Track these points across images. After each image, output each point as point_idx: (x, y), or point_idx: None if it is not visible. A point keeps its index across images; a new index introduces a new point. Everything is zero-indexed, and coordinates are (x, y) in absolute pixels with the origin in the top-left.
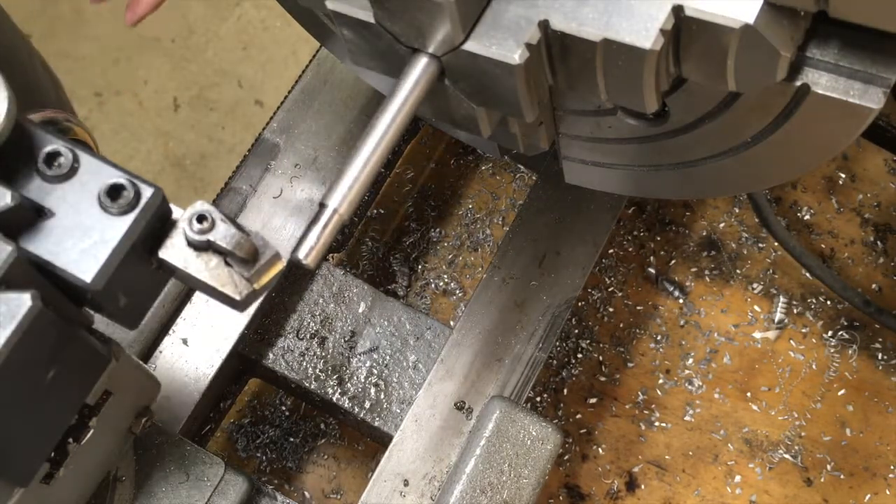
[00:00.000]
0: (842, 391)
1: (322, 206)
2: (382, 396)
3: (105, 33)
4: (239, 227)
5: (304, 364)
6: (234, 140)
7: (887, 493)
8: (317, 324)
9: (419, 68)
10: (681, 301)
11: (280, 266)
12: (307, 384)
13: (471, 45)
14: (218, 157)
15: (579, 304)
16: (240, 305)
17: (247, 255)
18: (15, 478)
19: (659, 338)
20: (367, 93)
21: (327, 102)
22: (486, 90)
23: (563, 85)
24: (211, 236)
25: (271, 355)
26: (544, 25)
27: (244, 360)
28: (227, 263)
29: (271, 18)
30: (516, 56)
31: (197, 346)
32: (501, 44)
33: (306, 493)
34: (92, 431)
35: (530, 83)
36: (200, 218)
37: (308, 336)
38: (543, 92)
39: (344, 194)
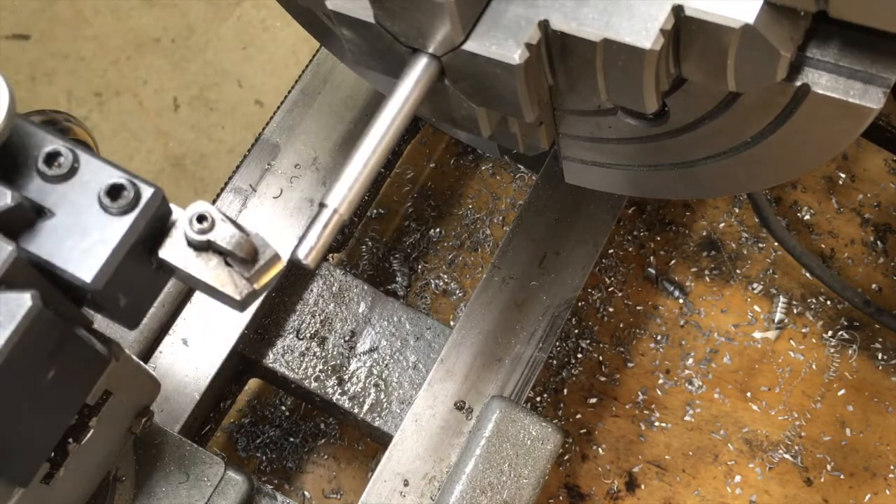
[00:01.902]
0: (842, 391)
1: (322, 206)
2: (382, 396)
3: (105, 33)
4: (239, 228)
5: (304, 364)
6: (234, 140)
7: (887, 493)
8: (317, 324)
9: (419, 68)
10: (681, 301)
11: (279, 266)
12: (307, 384)
13: (471, 45)
14: (218, 157)
15: (579, 304)
16: (240, 305)
17: (246, 256)
18: (15, 477)
19: (659, 338)
20: (367, 93)
21: (327, 102)
22: (486, 90)
23: (563, 85)
24: (211, 236)
25: (271, 355)
26: (544, 25)
27: (244, 360)
28: (226, 263)
29: (271, 18)
30: (516, 56)
31: (197, 346)
32: (501, 44)
33: (306, 493)
34: (92, 431)
35: (530, 83)
36: (200, 218)
37: (308, 336)
38: (543, 92)
39: (344, 194)
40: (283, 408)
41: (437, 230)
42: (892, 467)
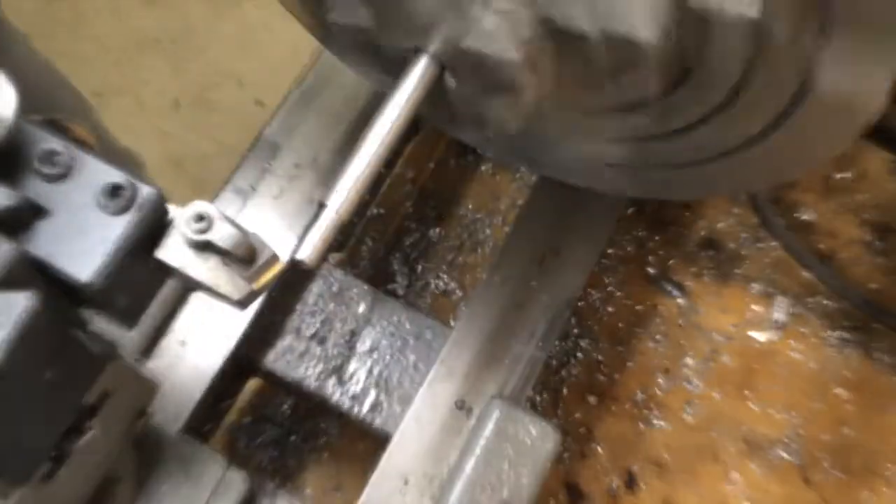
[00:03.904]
0: (841, 391)
1: (322, 206)
2: (382, 396)
3: (105, 33)
4: (237, 227)
5: (305, 364)
6: (234, 140)
7: (886, 491)
8: (317, 324)
9: (419, 68)
10: (680, 301)
11: (278, 267)
12: (307, 384)
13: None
14: (218, 157)
15: (579, 303)
16: (239, 305)
17: (245, 256)
18: (15, 477)
19: (658, 337)
20: (367, 93)
21: (327, 103)
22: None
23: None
24: (210, 236)
25: (271, 355)
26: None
27: (244, 361)
28: (225, 263)
29: (272, 18)
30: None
31: (197, 346)
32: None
33: (307, 492)
34: (91, 431)
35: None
36: (199, 217)
37: (308, 336)
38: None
39: (344, 195)
40: (284, 406)
41: (438, 230)
42: (890, 466)
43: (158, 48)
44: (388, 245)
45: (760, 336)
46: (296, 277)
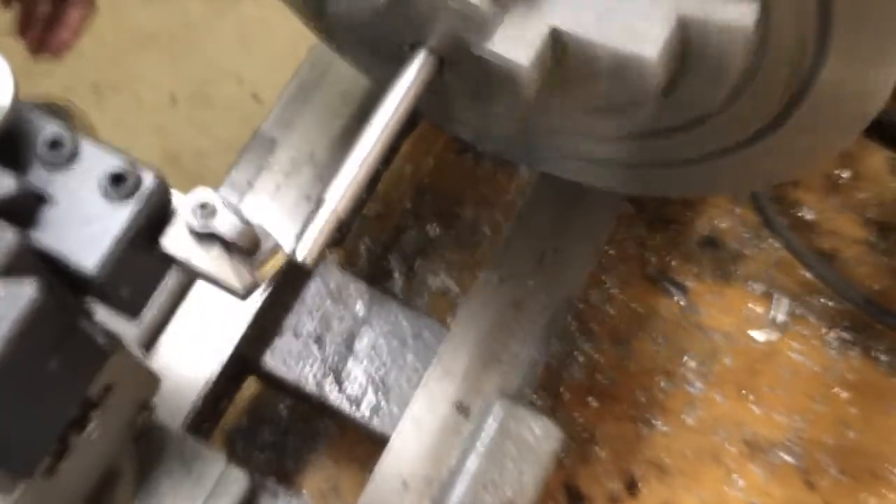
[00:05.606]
0: (843, 392)
1: (319, 202)
2: (380, 397)
3: (103, 28)
4: (241, 216)
5: (302, 364)
6: (232, 136)
7: (888, 494)
8: (314, 323)
9: (418, 63)
10: (681, 301)
11: (281, 257)
12: (305, 384)
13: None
14: (216, 153)
15: (579, 303)
16: (242, 296)
17: (249, 245)
18: (18, 470)
19: (659, 338)
20: (365, 88)
21: (325, 97)
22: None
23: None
24: (213, 225)
25: (269, 355)
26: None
27: (242, 360)
28: (228, 253)
29: (271, 15)
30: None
31: (196, 344)
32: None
33: (304, 494)
34: (94, 424)
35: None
36: (203, 206)
37: (306, 335)
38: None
39: (341, 191)
40: (282, 406)
41: (436, 228)
42: (893, 469)
43: (156, 44)
44: (386, 243)
45: (761, 336)
46: (293, 276)
